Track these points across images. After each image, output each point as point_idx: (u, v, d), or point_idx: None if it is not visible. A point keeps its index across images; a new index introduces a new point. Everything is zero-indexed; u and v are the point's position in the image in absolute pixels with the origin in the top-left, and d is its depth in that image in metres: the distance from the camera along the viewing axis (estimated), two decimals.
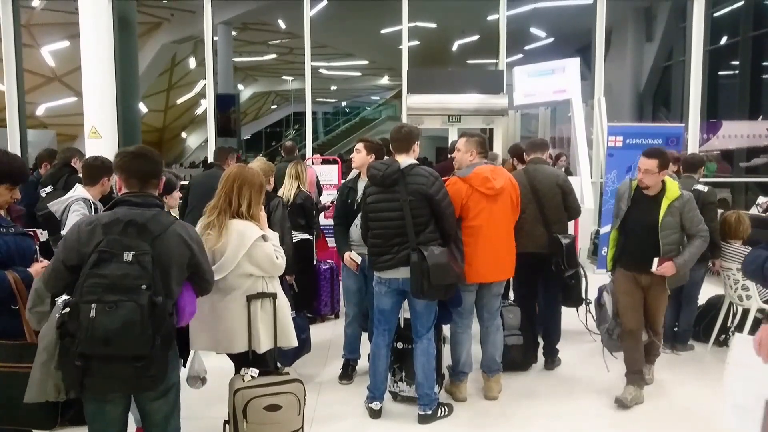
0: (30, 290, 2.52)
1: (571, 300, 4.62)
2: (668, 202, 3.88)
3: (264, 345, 2.97)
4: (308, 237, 5.33)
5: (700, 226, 3.90)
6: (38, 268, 2.78)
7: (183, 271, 2.45)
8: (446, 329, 4.22)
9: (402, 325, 3.98)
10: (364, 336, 4.49)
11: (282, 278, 4.46)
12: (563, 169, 8.67)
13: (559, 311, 4.75)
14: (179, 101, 25.79)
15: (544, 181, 4.49)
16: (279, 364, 3.07)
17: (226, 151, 6.04)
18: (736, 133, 13.25)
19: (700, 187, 4.81)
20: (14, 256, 2.66)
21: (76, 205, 3.67)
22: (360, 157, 4.30)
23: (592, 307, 4.70)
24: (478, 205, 3.81)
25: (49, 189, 4.85)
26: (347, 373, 4.47)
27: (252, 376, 2.87)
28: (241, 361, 2.97)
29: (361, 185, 4.15)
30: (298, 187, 5.29)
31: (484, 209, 3.82)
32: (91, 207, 3.74)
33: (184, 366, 3.26)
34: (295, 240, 4.69)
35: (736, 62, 15.36)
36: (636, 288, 4.01)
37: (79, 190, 3.80)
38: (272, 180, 4.65)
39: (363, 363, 4.43)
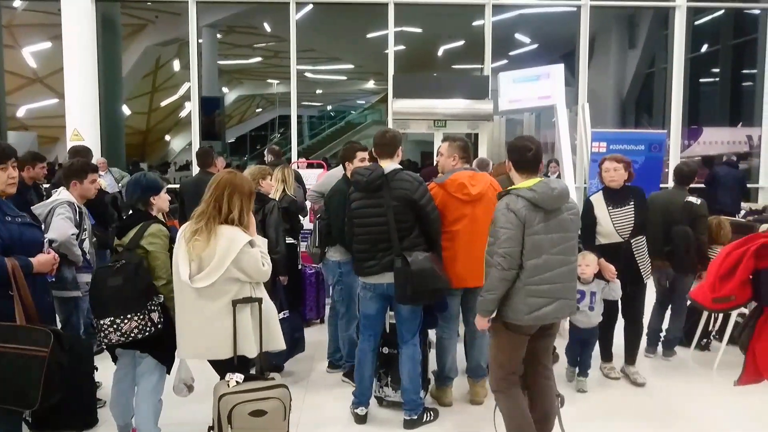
0: (29, 278, 2.71)
1: None
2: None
3: (252, 350, 2.95)
4: (293, 241, 5.31)
5: (493, 246, 2.98)
6: (42, 258, 2.81)
7: None
8: (432, 334, 4.22)
9: (388, 330, 3.98)
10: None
11: (275, 279, 4.50)
12: (556, 175, 8.74)
13: None
14: (163, 104, 25.55)
15: None
16: (264, 370, 3.05)
17: (210, 155, 5.93)
18: (716, 140, 13.44)
19: (692, 199, 4.75)
20: (17, 245, 2.76)
21: (60, 208, 3.64)
22: None
23: None
24: (456, 210, 3.79)
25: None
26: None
27: (237, 382, 2.85)
28: (225, 366, 2.95)
29: None
30: (284, 190, 5.29)
31: (463, 215, 3.80)
32: (75, 210, 3.71)
33: (169, 373, 3.24)
34: None
35: (717, 70, 15.62)
36: None
37: (63, 194, 3.77)
38: (263, 182, 4.62)
39: None
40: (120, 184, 8.91)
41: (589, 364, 4.39)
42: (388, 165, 3.65)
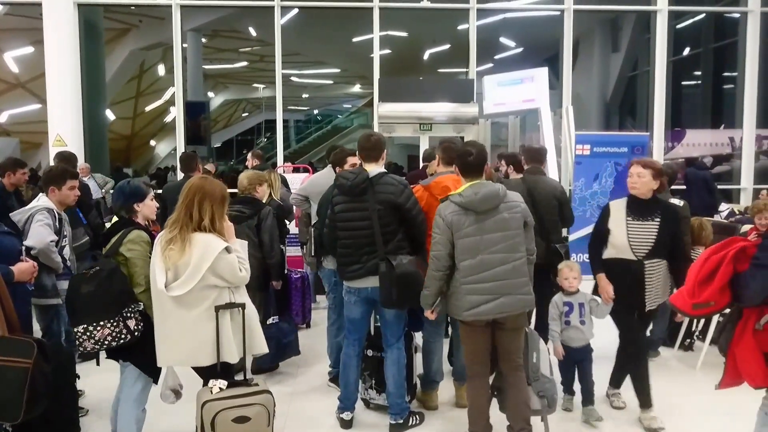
0: (9, 287, 2.69)
1: None
2: None
3: (234, 356, 2.93)
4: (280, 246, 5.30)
5: None
6: (22, 266, 2.78)
7: None
8: (418, 337, 4.22)
9: (373, 333, 3.97)
10: None
11: (268, 285, 4.50)
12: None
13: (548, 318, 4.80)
14: (148, 108, 25.35)
15: (543, 193, 4.58)
16: (249, 375, 3.02)
17: (194, 159, 5.93)
18: (699, 142, 13.60)
19: (674, 201, 4.82)
20: None
21: (39, 215, 3.60)
22: None
23: None
24: None
25: None
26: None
27: (220, 388, 2.83)
28: (208, 373, 2.92)
29: None
30: (270, 195, 5.28)
31: None
32: (55, 217, 3.67)
33: (156, 383, 3.20)
34: None
35: (699, 73, 15.82)
36: None
37: (42, 200, 3.73)
38: (259, 188, 4.66)
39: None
40: (103, 190, 8.85)
41: (592, 390, 3.91)
42: (373, 168, 3.65)
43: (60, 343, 3.77)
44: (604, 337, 4.11)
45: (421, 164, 6.95)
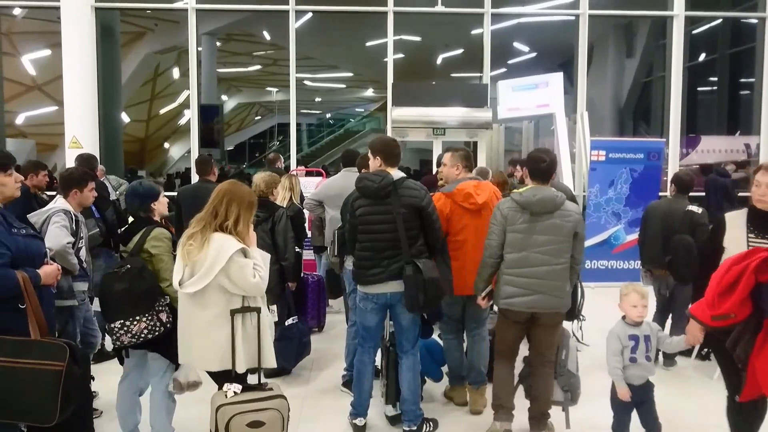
0: (36, 290, 2.69)
1: (570, 314, 4.63)
2: None
3: (242, 364, 2.92)
4: (298, 250, 5.29)
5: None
6: (47, 270, 2.82)
7: None
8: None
9: (387, 338, 3.97)
10: None
11: (283, 287, 4.51)
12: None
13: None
14: (162, 111, 25.56)
15: None
16: (264, 380, 3.01)
17: (209, 163, 5.94)
18: (714, 148, 13.48)
19: (693, 208, 4.76)
20: (23, 257, 2.76)
21: (56, 217, 3.62)
22: None
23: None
24: (462, 219, 3.88)
25: None
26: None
27: (235, 392, 2.82)
28: (223, 377, 2.92)
29: None
30: (290, 198, 5.28)
31: (468, 224, 3.89)
32: (72, 218, 3.69)
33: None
34: None
35: (715, 79, 15.69)
36: None
37: (59, 202, 3.76)
38: (276, 191, 4.69)
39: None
40: (117, 192, 8.90)
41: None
42: (395, 173, 3.65)
43: (76, 344, 3.78)
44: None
45: (434, 169, 6.93)
